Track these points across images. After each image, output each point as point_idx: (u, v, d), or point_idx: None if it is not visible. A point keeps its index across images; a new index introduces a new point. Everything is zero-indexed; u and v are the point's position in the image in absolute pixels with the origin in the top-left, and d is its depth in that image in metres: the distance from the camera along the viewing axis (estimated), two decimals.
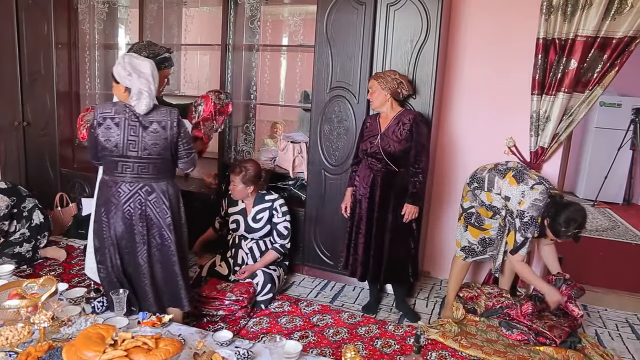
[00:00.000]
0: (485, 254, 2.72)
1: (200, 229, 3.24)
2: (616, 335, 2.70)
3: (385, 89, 2.54)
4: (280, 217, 2.93)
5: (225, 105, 2.50)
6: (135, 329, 1.76)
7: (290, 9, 3.44)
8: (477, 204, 2.62)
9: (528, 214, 2.36)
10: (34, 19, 3.66)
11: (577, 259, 3.80)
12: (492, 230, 2.65)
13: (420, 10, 2.67)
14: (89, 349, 1.40)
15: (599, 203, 5.67)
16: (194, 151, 2.22)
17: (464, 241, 2.71)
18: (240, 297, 2.62)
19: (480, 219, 2.64)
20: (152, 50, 2.40)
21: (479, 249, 2.69)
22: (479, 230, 2.66)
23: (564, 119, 2.80)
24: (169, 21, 3.86)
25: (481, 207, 2.60)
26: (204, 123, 2.50)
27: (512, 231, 2.47)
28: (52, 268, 3.12)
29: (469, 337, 2.50)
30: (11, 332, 1.55)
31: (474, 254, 2.71)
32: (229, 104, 2.51)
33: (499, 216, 2.56)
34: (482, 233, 2.66)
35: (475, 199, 2.62)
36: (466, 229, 2.68)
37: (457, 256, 2.75)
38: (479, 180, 2.58)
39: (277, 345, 1.62)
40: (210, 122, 2.48)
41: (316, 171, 3.08)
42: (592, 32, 2.61)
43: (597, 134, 5.76)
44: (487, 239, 2.68)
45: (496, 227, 2.64)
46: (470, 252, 2.70)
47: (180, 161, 2.17)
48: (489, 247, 2.69)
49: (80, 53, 3.92)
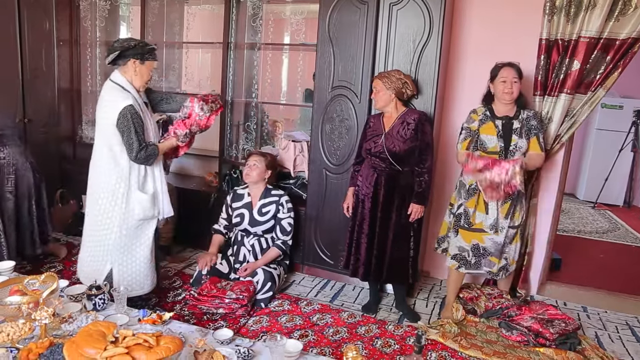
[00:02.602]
0: (480, 268, 2.61)
1: (202, 226, 3.24)
2: (616, 338, 2.70)
3: (390, 88, 2.54)
4: (285, 213, 2.94)
5: (205, 118, 2.44)
6: (135, 326, 1.76)
7: (293, 7, 3.43)
8: (464, 198, 2.60)
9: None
10: (35, 16, 3.65)
11: (578, 261, 3.81)
12: (484, 234, 2.56)
13: (423, 9, 2.67)
14: (90, 346, 1.39)
15: (599, 205, 5.67)
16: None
17: (454, 249, 2.65)
18: (241, 295, 2.62)
19: (468, 215, 2.58)
20: (124, 41, 2.36)
21: (471, 258, 2.61)
22: (470, 232, 2.59)
23: (566, 120, 2.80)
24: (171, 19, 3.86)
25: (468, 201, 2.57)
26: (180, 126, 2.44)
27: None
28: (52, 265, 3.12)
29: (468, 338, 2.50)
30: (12, 329, 1.54)
31: (467, 265, 2.62)
32: (209, 117, 2.44)
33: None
34: (474, 237, 2.59)
35: (460, 194, 2.62)
36: (457, 233, 2.64)
37: (450, 267, 2.71)
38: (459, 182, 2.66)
39: (278, 344, 1.62)
40: (182, 131, 2.42)
41: (317, 170, 3.08)
42: (596, 33, 2.61)
43: (599, 136, 5.75)
44: (481, 248, 2.58)
45: (487, 225, 2.54)
46: (462, 261, 2.63)
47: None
48: (483, 259, 2.59)
49: (82, 50, 3.92)
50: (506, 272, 2.64)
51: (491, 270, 2.61)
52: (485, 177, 2.36)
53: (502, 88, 2.51)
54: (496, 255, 2.58)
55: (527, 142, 2.50)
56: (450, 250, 2.69)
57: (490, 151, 2.50)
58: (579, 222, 5.06)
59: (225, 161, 3.60)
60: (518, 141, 2.48)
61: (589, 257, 4.01)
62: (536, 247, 3.09)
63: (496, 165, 2.35)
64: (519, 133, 2.49)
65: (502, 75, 2.50)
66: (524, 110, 2.55)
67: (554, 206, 3.06)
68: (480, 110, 2.60)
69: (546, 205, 3.05)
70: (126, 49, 2.29)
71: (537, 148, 2.51)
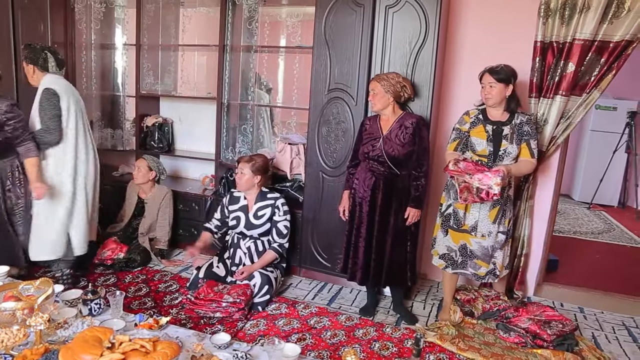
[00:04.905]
0: (466, 269, 2.61)
1: (198, 230, 3.22)
2: (613, 338, 2.71)
3: (389, 92, 2.54)
4: (281, 216, 2.93)
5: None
6: (132, 331, 1.75)
7: (289, 10, 3.43)
8: (453, 199, 2.59)
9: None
10: (30, 19, 3.63)
11: (573, 262, 3.82)
12: (472, 237, 2.56)
13: (419, 12, 2.68)
14: (86, 352, 1.38)
15: (594, 205, 5.71)
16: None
17: (443, 248, 2.65)
18: (238, 299, 2.61)
19: (458, 217, 2.58)
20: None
21: (458, 258, 2.61)
22: (459, 232, 2.59)
23: (561, 122, 2.81)
24: (167, 21, 3.85)
25: (457, 202, 2.55)
26: None
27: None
28: (47, 270, 3.09)
29: (466, 340, 2.50)
30: (7, 335, 1.53)
31: (454, 265, 2.62)
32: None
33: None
34: (462, 238, 2.59)
35: (449, 194, 2.61)
36: (446, 233, 2.64)
37: (438, 266, 2.71)
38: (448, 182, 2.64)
39: (276, 348, 1.62)
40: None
41: (314, 173, 3.07)
42: (590, 36, 2.63)
43: (593, 137, 5.79)
44: (468, 250, 2.58)
45: (470, 226, 2.55)
46: (449, 261, 2.64)
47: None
48: (470, 261, 2.59)
49: (77, 53, 3.90)
50: (494, 277, 2.61)
51: (477, 273, 2.59)
52: (464, 179, 2.37)
53: (482, 93, 2.53)
54: (483, 260, 2.57)
55: (518, 148, 2.49)
56: (438, 250, 2.69)
57: (479, 154, 2.51)
58: (575, 223, 5.09)
59: (221, 164, 3.59)
60: (508, 146, 2.47)
61: (585, 258, 4.03)
62: (533, 249, 3.10)
63: (479, 172, 2.35)
64: (510, 139, 2.48)
65: (482, 81, 2.52)
66: (518, 115, 2.54)
67: (550, 207, 3.07)
68: (473, 113, 2.60)
69: (542, 206, 3.06)
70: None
71: (527, 154, 2.50)
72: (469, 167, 2.37)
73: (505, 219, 2.57)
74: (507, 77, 2.46)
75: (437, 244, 2.71)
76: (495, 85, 2.45)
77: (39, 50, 2.72)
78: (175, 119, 4.01)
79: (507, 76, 2.46)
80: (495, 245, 2.56)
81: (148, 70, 3.81)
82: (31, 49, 2.72)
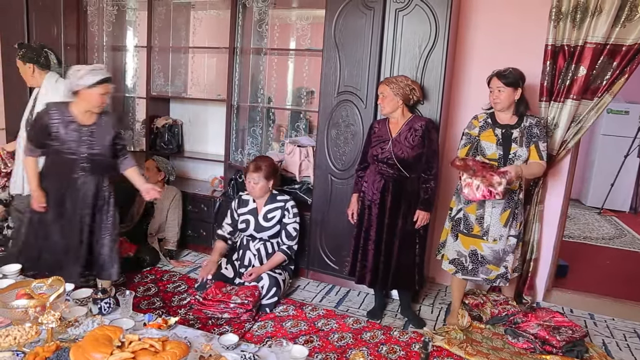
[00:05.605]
0: (477, 276, 2.58)
1: (207, 231, 3.24)
2: (624, 346, 2.68)
3: (398, 95, 2.54)
4: (291, 218, 2.94)
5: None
6: (141, 331, 1.76)
7: (299, 13, 3.45)
8: (463, 204, 2.58)
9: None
10: (44, 21, 3.68)
11: (584, 267, 3.78)
12: (483, 241, 2.53)
13: (429, 15, 2.68)
14: (96, 351, 1.40)
15: (605, 211, 5.64)
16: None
17: (452, 253, 2.63)
18: (246, 300, 2.62)
19: (468, 222, 2.56)
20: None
21: (468, 264, 2.58)
22: (470, 237, 2.56)
23: (572, 126, 2.79)
24: (177, 24, 3.88)
25: (468, 206, 2.55)
26: None
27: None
28: None
29: (474, 345, 2.48)
30: (19, 332, 1.55)
31: (464, 271, 2.60)
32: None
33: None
34: (473, 243, 2.56)
35: (459, 199, 2.59)
36: (456, 237, 2.62)
37: (448, 271, 2.69)
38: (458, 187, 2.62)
39: (284, 350, 1.62)
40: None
41: (323, 175, 3.08)
42: (602, 39, 2.60)
43: (604, 142, 5.72)
44: (479, 256, 2.55)
45: (485, 227, 2.52)
46: (459, 266, 2.61)
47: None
48: (481, 267, 2.56)
49: (89, 54, 3.95)
50: (505, 281, 2.59)
51: (488, 277, 2.57)
52: (471, 178, 2.37)
53: (490, 97, 2.52)
54: (495, 264, 2.55)
55: (527, 151, 2.48)
56: (448, 255, 2.67)
57: (490, 158, 2.50)
58: (585, 228, 5.03)
59: (230, 166, 3.61)
60: (518, 150, 2.46)
61: (596, 263, 3.99)
62: (542, 254, 3.07)
63: (484, 170, 2.34)
64: (519, 142, 2.47)
65: (490, 85, 2.51)
66: (527, 117, 2.52)
67: (560, 212, 3.04)
68: (481, 117, 2.59)
69: (552, 211, 3.03)
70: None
71: (536, 156, 2.47)
72: (476, 165, 2.37)
73: (516, 223, 2.55)
74: (515, 81, 2.44)
75: (446, 248, 2.69)
76: (503, 90, 2.44)
77: (39, 49, 2.70)
78: (185, 120, 4.04)
79: (515, 80, 2.44)
80: (506, 249, 2.54)
81: (159, 72, 3.84)
82: (30, 48, 2.69)
